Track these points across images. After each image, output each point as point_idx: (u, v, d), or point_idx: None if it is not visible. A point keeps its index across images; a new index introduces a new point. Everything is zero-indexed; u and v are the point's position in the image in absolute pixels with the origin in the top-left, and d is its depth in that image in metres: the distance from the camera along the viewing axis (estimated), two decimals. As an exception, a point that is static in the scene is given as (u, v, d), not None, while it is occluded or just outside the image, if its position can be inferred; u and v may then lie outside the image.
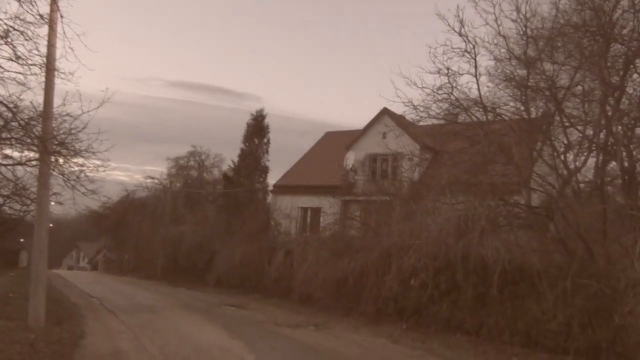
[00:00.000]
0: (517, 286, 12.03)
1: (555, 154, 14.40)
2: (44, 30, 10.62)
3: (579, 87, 14.12)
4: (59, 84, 11.08)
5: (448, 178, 13.71)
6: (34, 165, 12.37)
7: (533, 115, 15.27)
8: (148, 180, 42.34)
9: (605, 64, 12.59)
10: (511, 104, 15.45)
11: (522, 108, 15.27)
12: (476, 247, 11.76)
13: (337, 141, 30.59)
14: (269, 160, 32.75)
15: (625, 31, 12.75)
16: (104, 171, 11.55)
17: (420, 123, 16.54)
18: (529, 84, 14.46)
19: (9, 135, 11.30)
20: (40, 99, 11.24)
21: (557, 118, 14.76)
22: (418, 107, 15.45)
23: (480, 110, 15.04)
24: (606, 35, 12.62)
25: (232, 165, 32.74)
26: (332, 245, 17.95)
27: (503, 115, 15.14)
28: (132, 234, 37.79)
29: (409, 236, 14.06)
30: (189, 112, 79.55)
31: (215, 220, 28.69)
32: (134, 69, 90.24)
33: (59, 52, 10.74)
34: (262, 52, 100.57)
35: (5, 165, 12.68)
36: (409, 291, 13.98)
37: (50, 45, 10.89)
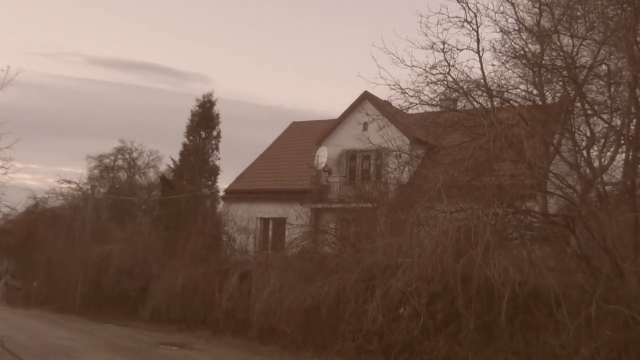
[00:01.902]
0: (531, 314, 12.16)
1: (576, 149, 14.67)
2: None
3: (604, 67, 14.41)
4: None
5: (444, 180, 13.78)
6: None
7: (549, 101, 15.53)
8: (63, 185, 41.32)
9: (635, 38, 12.87)
10: (522, 86, 15.71)
11: (535, 92, 15.52)
12: (480, 266, 11.84)
13: (306, 133, 30.53)
14: (219, 159, 32.47)
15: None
16: (4, 174, 11.17)
17: (410, 111, 16.61)
18: (543, 62, 14.68)
19: None
20: None
21: (578, 105, 15.04)
22: (407, 90, 15.55)
23: (484, 94, 15.22)
24: (636, 4, 12.90)
25: (172, 166, 32.35)
26: (300, 266, 17.87)
27: (512, 101, 15.34)
28: (43, 254, 36.78)
29: (397, 253, 14.09)
30: (117, 96, 78.20)
31: (151, 237, 28.20)
32: (44, 42, 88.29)
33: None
34: (211, 21, 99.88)
35: None
36: (397, 323, 14.00)
37: None
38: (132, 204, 38.08)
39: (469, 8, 14.23)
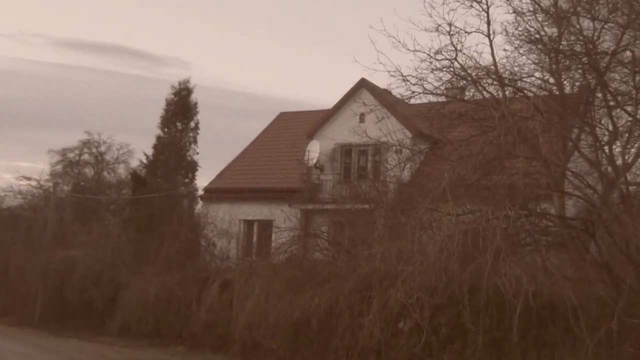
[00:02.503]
0: (546, 329, 12.20)
1: (597, 144, 14.70)
2: None
3: (628, 53, 14.45)
4: None
5: (450, 178, 13.79)
6: None
7: (567, 90, 15.55)
8: (22, 183, 41.18)
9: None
10: (537, 74, 15.73)
11: (552, 81, 15.54)
12: (489, 275, 11.85)
13: (296, 125, 30.49)
14: (197, 153, 32.34)
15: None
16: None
17: (412, 101, 16.61)
18: (561, 47, 14.70)
19: None
20: None
21: (599, 95, 15.07)
22: (409, 77, 15.53)
23: (495, 83, 15.23)
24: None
25: (145, 161, 32.24)
26: (288, 274, 17.86)
27: (526, 91, 15.36)
28: (-1, 260, 36.67)
29: (397, 260, 14.10)
30: (83, 82, 77.78)
31: (121, 241, 28.10)
32: (3, 21, 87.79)
33: None
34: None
35: None
36: (397, 338, 14.01)
37: None
38: (100, 204, 37.91)
39: (479, -15, 14.24)
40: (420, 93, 15.99)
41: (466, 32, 14.98)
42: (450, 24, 14.58)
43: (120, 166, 44.68)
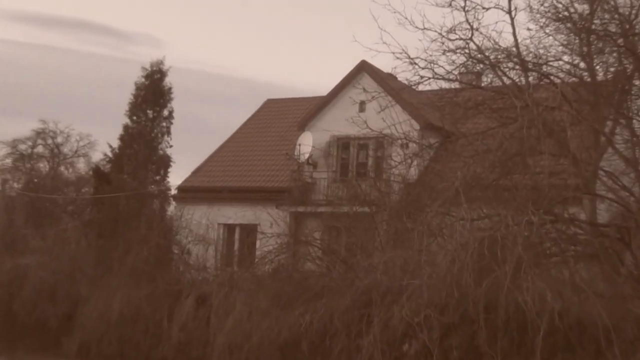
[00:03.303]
0: (573, 353, 12.21)
1: (634, 139, 14.74)
2: None
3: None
4: None
5: (464, 177, 13.82)
6: None
7: (599, 77, 15.59)
8: (-35, 179, 41.16)
9: None
10: (565, 58, 15.77)
11: (583, 65, 15.57)
12: (509, 290, 11.88)
13: (285, 115, 30.45)
14: (171, 146, 32.18)
15: None
16: None
17: (421, 87, 16.64)
18: (593, 26, 14.73)
19: None
20: None
21: (637, 82, 15.11)
22: (417, 60, 15.56)
23: (517, 67, 15.26)
24: None
25: (110, 154, 32.16)
26: (275, 287, 17.85)
27: (553, 77, 15.39)
28: (-63, 269, 36.54)
29: (401, 272, 14.11)
30: (37, 62, 77.37)
31: (80, 247, 28.03)
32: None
33: None
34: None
35: None
36: (401, 363, 14.00)
37: None
38: (56, 204, 37.84)
39: (499, -46, 14.27)
40: (430, 78, 16.04)
41: (484, 8, 15.05)
42: (465, -1, 14.60)
43: (80, 160, 44.67)
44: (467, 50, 15.37)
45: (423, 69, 15.74)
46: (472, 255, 12.29)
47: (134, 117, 31.70)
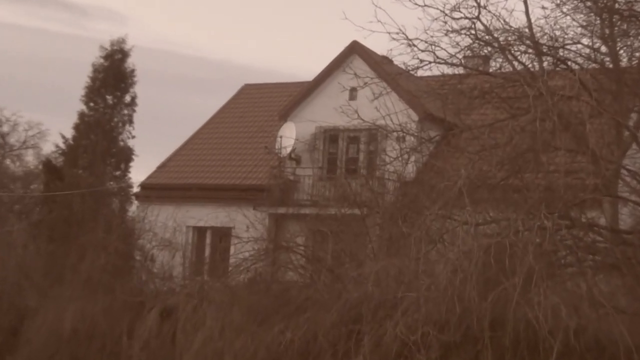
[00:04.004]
0: (591, 377, 12.24)
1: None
2: None
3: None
4: None
5: (469, 176, 13.81)
6: None
7: (623, 63, 15.63)
8: None
9: None
10: (584, 41, 15.80)
11: (604, 49, 15.61)
12: (518, 305, 11.88)
13: (264, 102, 30.44)
14: (134, 137, 32.38)
15: None
16: None
17: (420, 72, 16.64)
18: (617, 6, 14.78)
19: None
20: None
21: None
22: (416, 42, 15.54)
23: (530, 51, 15.27)
24: None
25: (63, 146, 32.10)
26: (251, 300, 17.82)
27: (570, 62, 15.43)
28: None
29: (396, 284, 14.10)
30: (-21, 40, 77.18)
31: (28, 253, 27.96)
32: None
33: None
34: None
35: None
36: (395, 387, 14.00)
37: None
38: (1, 203, 37.68)
39: None
40: (430, 62, 16.04)
41: (492, -17, 15.04)
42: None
43: (29, 152, 44.62)
44: (473, 31, 15.39)
45: (423, 51, 15.76)
46: (476, 265, 12.29)
47: (91, 104, 31.75)
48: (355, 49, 25.31)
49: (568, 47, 15.66)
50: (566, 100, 13.88)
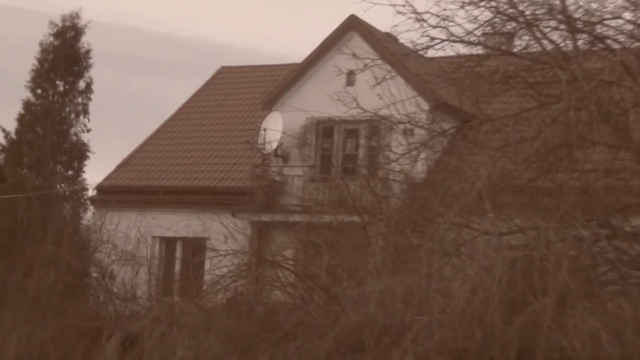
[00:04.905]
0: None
1: None
2: None
3: None
4: None
5: (490, 176, 13.83)
6: None
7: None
8: None
9: None
10: (627, 15, 15.77)
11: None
12: (550, 330, 11.90)
13: (245, 88, 30.48)
14: (89, 130, 32.27)
15: None
16: None
17: (431, 53, 16.62)
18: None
19: None
20: None
21: None
22: (425, 16, 15.52)
23: (562, 27, 15.26)
24: None
25: (4, 142, 32.03)
26: (230, 325, 17.81)
27: (609, 41, 15.41)
28: None
29: (404, 305, 14.11)
30: None
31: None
32: None
33: None
34: None
35: None
36: None
37: None
38: None
39: None
40: (443, 41, 16.02)
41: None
42: None
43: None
44: (494, 3, 15.38)
45: (434, 27, 15.76)
46: (500, 283, 12.31)
47: (38, 91, 31.68)
48: (353, 25, 25.32)
49: (607, 22, 15.63)
50: (605, 86, 13.88)
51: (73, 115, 31.79)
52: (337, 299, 16.90)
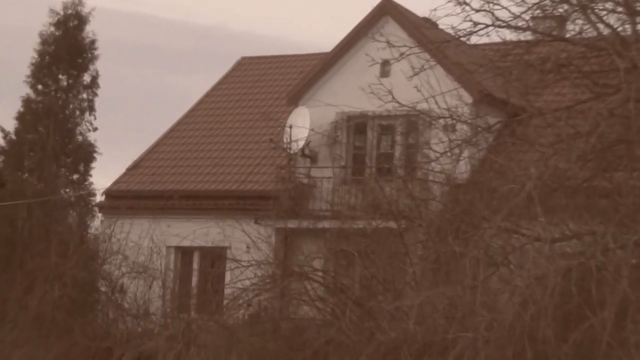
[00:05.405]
0: None
1: None
2: None
3: None
4: None
5: (541, 176, 13.81)
6: None
7: None
8: None
9: None
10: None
11: None
12: (610, 346, 11.84)
13: (269, 81, 30.50)
14: (95, 129, 32.41)
15: None
16: None
17: (475, 40, 16.63)
18: None
19: None
20: None
21: None
22: (467, -1, 15.55)
23: (620, 10, 15.22)
24: None
25: (3, 142, 32.23)
26: (254, 344, 17.88)
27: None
28: None
29: (445, 321, 14.13)
30: None
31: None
32: None
33: None
34: None
35: None
36: None
37: None
38: None
39: None
40: (488, 26, 16.01)
41: None
42: None
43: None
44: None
45: (478, 11, 15.75)
46: (552, 295, 12.30)
47: (39, 86, 31.82)
48: (387, 10, 25.33)
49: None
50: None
51: (78, 113, 31.88)
52: (372, 314, 16.94)
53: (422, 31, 21.79)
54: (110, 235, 26.32)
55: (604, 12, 15.53)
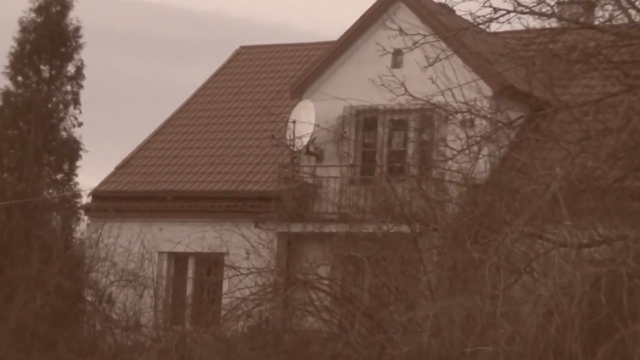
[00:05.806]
0: None
1: None
2: None
3: None
4: None
5: (567, 176, 13.84)
6: None
7: None
8: None
9: None
10: None
11: None
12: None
13: (270, 72, 30.54)
14: (81, 125, 32.36)
15: None
16: None
17: (495, 27, 16.68)
18: None
19: None
20: None
21: None
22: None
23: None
24: None
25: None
26: (254, 358, 17.92)
27: None
28: None
29: (464, 334, 14.17)
30: None
31: None
32: None
33: None
34: None
35: None
36: None
37: None
38: None
39: None
40: (510, 12, 16.05)
41: None
42: None
43: None
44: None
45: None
46: (580, 305, 12.33)
47: (19, 78, 31.80)
48: (399, -7, 25.41)
49: None
50: None
51: (61, 107, 31.76)
52: (383, 326, 16.99)
53: (438, 18, 21.82)
54: (98, 240, 26.37)
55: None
